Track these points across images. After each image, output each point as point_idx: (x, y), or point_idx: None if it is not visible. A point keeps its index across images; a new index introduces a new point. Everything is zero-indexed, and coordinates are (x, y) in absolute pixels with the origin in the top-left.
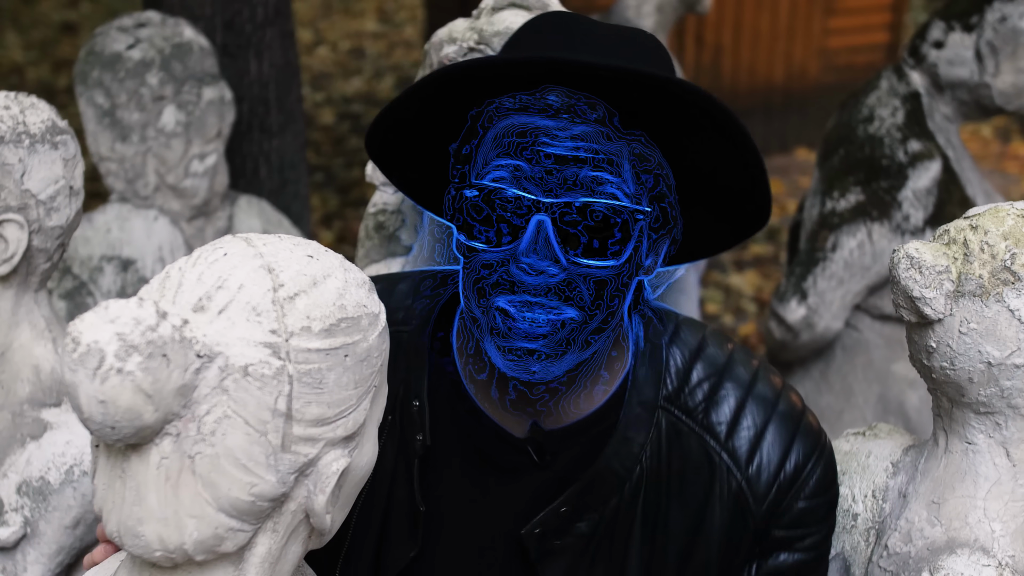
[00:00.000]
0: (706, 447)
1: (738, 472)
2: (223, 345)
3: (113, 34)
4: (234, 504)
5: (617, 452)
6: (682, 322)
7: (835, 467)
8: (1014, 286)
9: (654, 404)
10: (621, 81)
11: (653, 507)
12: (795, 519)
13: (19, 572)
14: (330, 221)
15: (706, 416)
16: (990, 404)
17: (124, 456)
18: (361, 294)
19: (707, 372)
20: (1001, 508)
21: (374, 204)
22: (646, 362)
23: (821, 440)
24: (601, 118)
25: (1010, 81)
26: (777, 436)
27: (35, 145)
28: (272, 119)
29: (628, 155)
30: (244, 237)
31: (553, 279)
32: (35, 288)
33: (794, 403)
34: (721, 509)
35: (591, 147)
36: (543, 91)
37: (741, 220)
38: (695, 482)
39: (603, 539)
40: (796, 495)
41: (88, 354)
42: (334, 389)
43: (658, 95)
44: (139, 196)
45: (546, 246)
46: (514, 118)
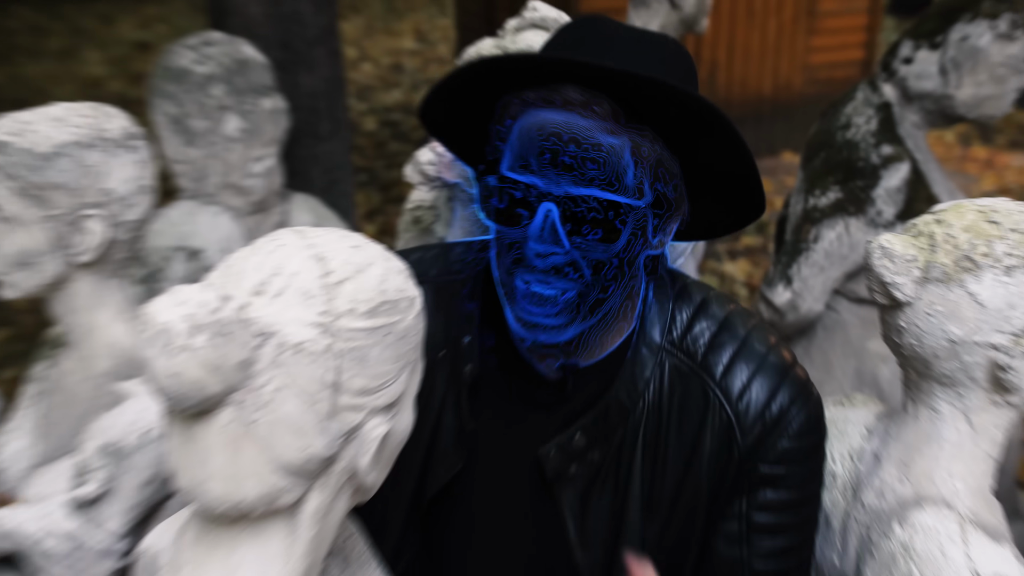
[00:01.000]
0: (703, 385)
1: (728, 407)
2: (279, 325)
3: (182, 51)
4: (288, 465)
5: (625, 386)
6: (689, 283)
7: (822, 417)
8: (974, 273)
9: (659, 347)
10: (626, 84)
11: (654, 438)
12: (779, 456)
13: (100, 524)
14: (373, 216)
15: (705, 359)
16: (953, 377)
17: (192, 422)
18: (400, 280)
19: (708, 324)
20: (963, 468)
21: (412, 201)
22: (655, 314)
23: (807, 389)
24: (606, 114)
25: (970, 93)
26: (765, 381)
27: (114, 149)
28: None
29: (630, 149)
30: (297, 230)
31: (559, 259)
32: (114, 275)
33: (784, 356)
34: (711, 439)
35: (595, 143)
36: (560, 87)
37: (743, 210)
38: (691, 415)
39: (610, 467)
40: (780, 434)
41: (161, 333)
42: (376, 363)
43: (662, 97)
44: (205, 194)
45: (552, 232)
46: (535, 113)
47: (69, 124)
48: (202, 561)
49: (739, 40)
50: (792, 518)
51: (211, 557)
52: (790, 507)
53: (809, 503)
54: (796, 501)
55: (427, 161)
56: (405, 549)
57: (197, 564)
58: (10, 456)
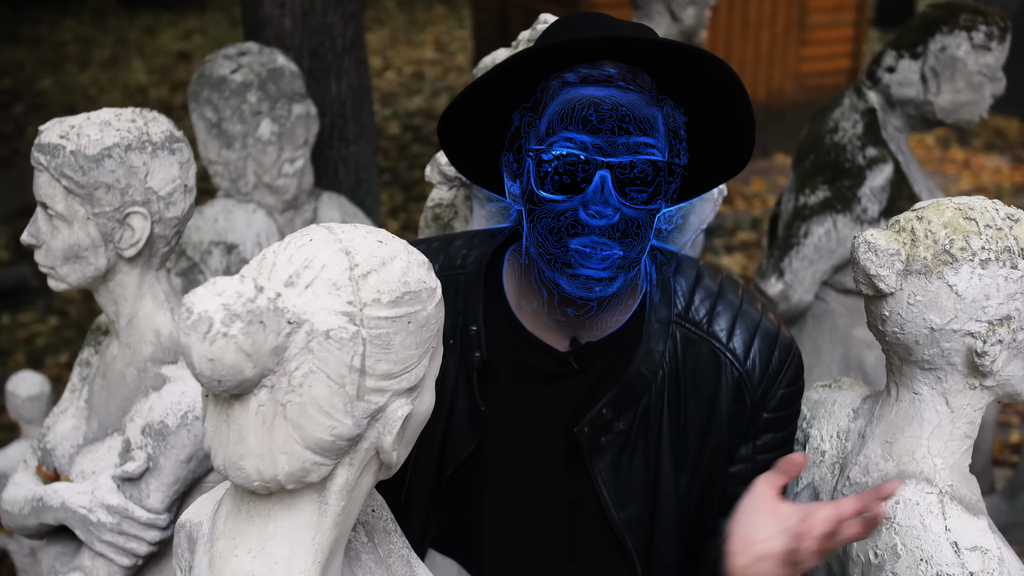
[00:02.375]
0: (713, 349)
1: (738, 365)
2: (309, 314)
3: (220, 60)
4: (318, 443)
5: (644, 360)
6: (682, 259)
7: (803, 364)
8: (952, 266)
9: (668, 320)
10: (655, 52)
11: (675, 402)
12: (779, 402)
13: (143, 499)
14: (396, 213)
15: (709, 326)
16: (933, 362)
17: (229, 404)
18: (421, 272)
19: (706, 295)
20: (942, 446)
21: (432, 199)
22: (659, 288)
23: (793, 346)
24: (643, 87)
25: (949, 99)
26: (763, 343)
27: (156, 151)
28: (349, 130)
29: (663, 118)
30: (326, 226)
31: (612, 221)
32: (156, 267)
33: (772, 320)
34: (726, 395)
35: (635, 115)
36: (599, 64)
37: (731, 160)
38: (706, 377)
39: (638, 434)
40: (780, 384)
41: (199, 321)
42: (399, 349)
43: (682, 64)
44: (241, 192)
45: (606, 195)
46: (573, 90)
47: (115, 128)
48: (238, 532)
49: (734, 50)
50: (785, 450)
51: (246, 529)
52: (785, 442)
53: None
54: (789, 436)
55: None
56: (432, 523)
57: (233, 535)
58: (60, 435)
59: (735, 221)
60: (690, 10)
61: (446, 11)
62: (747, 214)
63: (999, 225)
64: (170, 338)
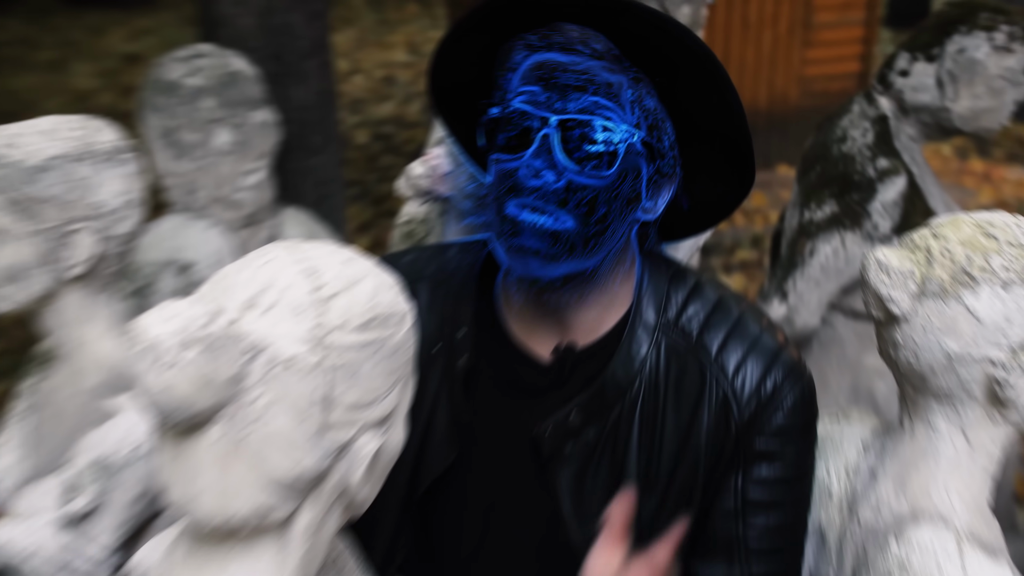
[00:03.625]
0: (699, 362)
1: (725, 383)
2: (270, 339)
3: (172, 64)
4: (279, 480)
5: (621, 364)
6: (682, 267)
7: (814, 394)
8: (971, 287)
9: (655, 327)
10: (614, 11)
11: (651, 416)
12: (774, 431)
13: (90, 540)
14: (365, 230)
15: (700, 339)
16: (950, 392)
17: (183, 438)
18: (391, 295)
19: (702, 305)
20: (960, 484)
21: (404, 215)
22: (650, 295)
23: (799, 369)
24: (603, 52)
25: (967, 105)
26: (759, 359)
27: (103, 162)
28: (313, 139)
29: (629, 89)
30: (288, 244)
31: (554, 185)
32: (104, 289)
33: (777, 338)
34: (709, 414)
35: (595, 78)
36: (559, 26)
37: (735, 182)
38: (688, 392)
39: (607, 446)
40: (775, 409)
41: (150, 348)
42: (368, 378)
43: (651, 34)
44: (195, 208)
45: (548, 153)
46: (539, 55)
47: (58, 137)
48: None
49: (734, 52)
50: (786, 495)
51: (201, 573)
52: (784, 483)
53: (802, 481)
54: (790, 477)
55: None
56: (397, 552)
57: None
58: (3, 469)
59: (734, 238)
60: (685, 8)
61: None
62: (747, 231)
63: (1023, 243)
64: (118, 366)
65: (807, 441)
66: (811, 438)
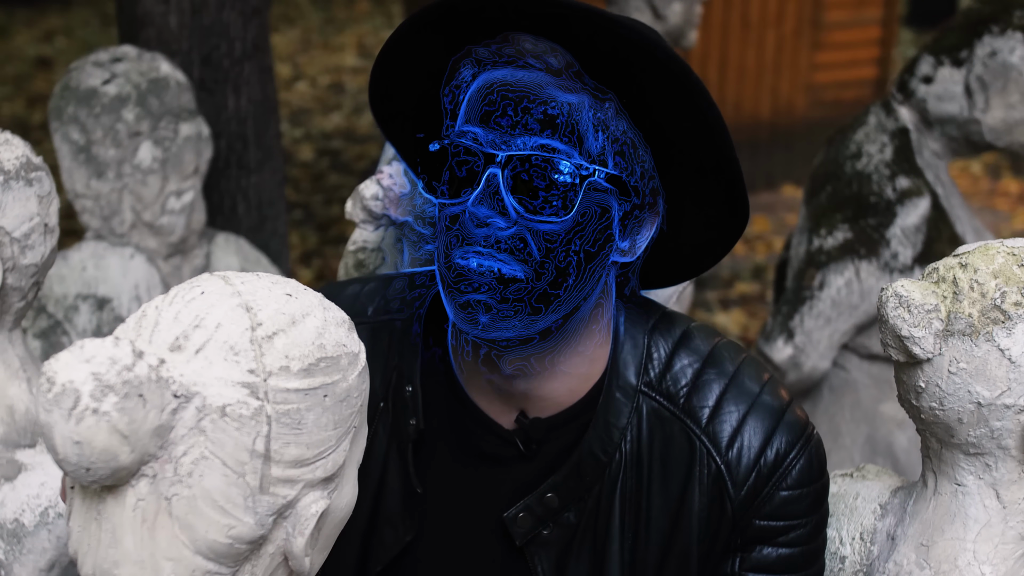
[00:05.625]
0: (687, 431)
1: (718, 456)
2: (200, 385)
3: (88, 69)
4: (212, 546)
5: (599, 437)
6: (667, 313)
7: (823, 460)
8: (1004, 325)
9: (635, 390)
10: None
11: (634, 493)
12: (777, 509)
13: None
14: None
15: (687, 401)
16: (980, 445)
17: (100, 498)
18: (340, 333)
19: (690, 360)
20: (991, 551)
21: (354, 242)
22: (628, 350)
23: (807, 431)
24: (560, 68)
25: (1000, 117)
26: (759, 423)
27: (9, 182)
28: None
29: (590, 111)
30: (222, 275)
31: (503, 232)
32: (9, 327)
33: (780, 395)
34: (700, 494)
35: (549, 101)
36: (513, 37)
37: (727, 219)
38: (676, 467)
39: (588, 528)
40: (778, 484)
41: (63, 394)
42: (313, 430)
43: (610, 43)
44: (115, 234)
45: (496, 198)
46: (488, 73)
47: None
48: None
49: (732, 56)
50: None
51: None
52: (791, 566)
53: (812, 563)
54: (797, 560)
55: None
56: None
57: None
58: None
59: (733, 269)
60: (676, 6)
61: (371, 7)
62: (748, 260)
63: None
64: (26, 415)
65: (816, 516)
66: (821, 511)
